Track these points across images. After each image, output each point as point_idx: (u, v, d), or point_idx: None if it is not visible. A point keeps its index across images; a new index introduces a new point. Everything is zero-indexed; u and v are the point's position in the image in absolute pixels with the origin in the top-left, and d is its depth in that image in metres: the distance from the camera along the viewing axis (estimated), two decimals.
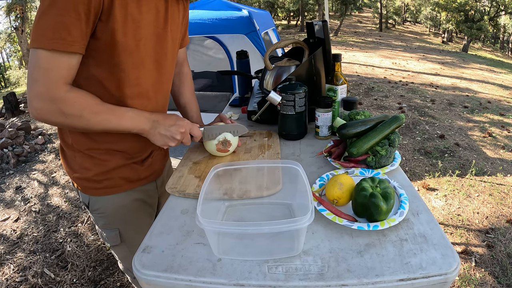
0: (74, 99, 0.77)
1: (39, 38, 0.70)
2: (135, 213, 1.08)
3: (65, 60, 0.74)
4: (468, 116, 5.04)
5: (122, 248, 1.11)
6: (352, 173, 0.92)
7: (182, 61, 1.21)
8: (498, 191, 2.96)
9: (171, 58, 0.98)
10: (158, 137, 0.91)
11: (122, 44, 0.80)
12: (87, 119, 0.80)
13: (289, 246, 0.66)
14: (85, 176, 0.97)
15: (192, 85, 1.25)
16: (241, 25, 3.30)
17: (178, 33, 1.00)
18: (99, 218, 1.05)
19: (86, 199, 1.01)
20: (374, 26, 23.71)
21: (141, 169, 1.04)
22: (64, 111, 0.76)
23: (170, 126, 0.91)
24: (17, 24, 11.67)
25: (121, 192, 1.02)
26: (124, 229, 1.07)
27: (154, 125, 0.90)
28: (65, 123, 0.79)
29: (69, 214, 2.75)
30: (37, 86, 0.73)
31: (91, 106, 0.80)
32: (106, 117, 0.83)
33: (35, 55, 0.72)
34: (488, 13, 17.09)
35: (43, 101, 0.75)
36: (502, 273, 2.04)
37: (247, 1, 18.26)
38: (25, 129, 4.38)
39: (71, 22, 0.70)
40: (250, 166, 0.89)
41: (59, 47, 0.71)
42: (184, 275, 0.63)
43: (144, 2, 0.82)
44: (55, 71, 0.73)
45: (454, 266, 0.61)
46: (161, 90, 0.98)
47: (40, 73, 0.72)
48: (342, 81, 1.22)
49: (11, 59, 20.60)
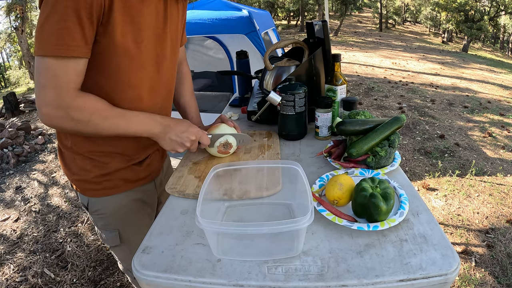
0: (83, 104, 0.77)
1: (44, 45, 0.70)
2: (135, 213, 1.08)
3: (72, 66, 0.73)
4: (468, 116, 5.04)
5: (122, 249, 1.11)
6: (352, 173, 0.92)
7: (181, 60, 1.21)
8: (498, 191, 2.96)
9: (170, 59, 0.98)
10: (168, 142, 0.91)
11: (123, 47, 0.80)
12: (96, 124, 0.80)
13: (288, 246, 0.66)
14: (84, 178, 0.97)
15: (191, 84, 1.24)
16: (241, 25, 3.30)
17: (177, 33, 1.00)
18: (98, 219, 1.05)
19: (85, 200, 1.01)
20: (374, 26, 23.71)
21: (139, 169, 1.04)
22: (73, 117, 0.76)
23: (182, 133, 0.91)
24: (17, 24, 11.66)
25: (120, 193, 1.02)
26: (123, 230, 1.07)
27: (165, 130, 0.90)
28: (74, 128, 0.79)
29: (69, 214, 2.75)
30: (45, 92, 0.73)
31: (100, 111, 0.80)
32: (115, 122, 0.82)
33: (41, 62, 0.72)
34: (488, 13, 17.09)
35: (52, 107, 0.75)
36: (502, 273, 2.04)
37: (247, 1, 18.26)
38: (25, 129, 4.38)
39: (74, 27, 0.70)
40: (250, 166, 0.89)
41: (64, 53, 0.71)
42: (184, 275, 0.63)
43: (145, 3, 0.82)
44: (63, 77, 0.73)
45: (454, 267, 0.61)
46: (159, 92, 0.98)
47: (48, 79, 0.72)
48: (342, 81, 1.22)
49: (11, 59, 20.61)
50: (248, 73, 1.71)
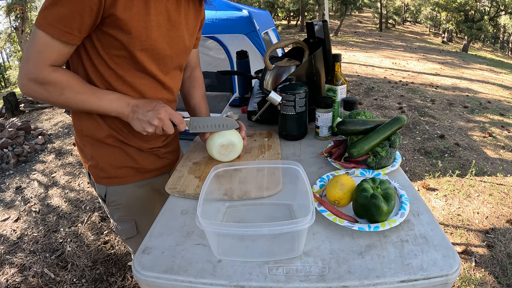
0: (56, 78, 0.81)
1: (42, 21, 0.75)
2: (151, 203, 1.10)
3: (58, 47, 0.78)
4: (468, 116, 5.04)
5: (137, 240, 1.12)
6: (353, 173, 0.92)
7: (195, 66, 1.22)
8: (498, 191, 2.96)
9: (178, 61, 0.99)
10: (136, 122, 0.90)
11: (128, 42, 0.82)
12: (67, 97, 0.84)
13: (289, 247, 0.66)
14: (99, 165, 0.99)
15: (203, 88, 1.24)
16: (241, 25, 3.30)
17: (192, 35, 1.00)
18: (115, 210, 1.07)
19: (103, 190, 1.03)
20: (374, 26, 23.71)
21: (154, 158, 1.07)
22: (47, 88, 0.82)
23: (148, 111, 0.89)
24: (17, 24, 11.66)
25: (136, 182, 1.04)
26: (140, 220, 1.09)
27: (133, 109, 0.89)
28: (48, 99, 0.84)
29: (69, 214, 2.75)
30: (27, 65, 0.79)
31: (72, 86, 0.84)
32: (86, 97, 0.86)
33: (35, 33, 0.77)
34: (488, 13, 17.10)
35: (29, 79, 0.80)
36: (502, 273, 2.03)
37: (247, 1, 18.26)
38: (25, 129, 4.37)
39: (72, 15, 0.75)
40: (250, 166, 0.89)
41: (55, 35, 0.76)
42: (184, 276, 0.63)
43: (152, 4, 0.83)
44: (46, 54, 0.78)
45: (455, 267, 0.61)
46: (161, 95, 0.99)
47: (33, 54, 0.78)
48: (342, 81, 1.22)
49: (11, 59, 20.61)
50: (248, 73, 1.71)
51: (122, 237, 1.15)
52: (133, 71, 0.90)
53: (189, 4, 0.96)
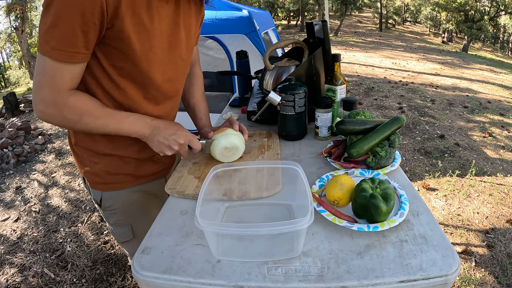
0: (74, 103, 0.79)
1: (45, 46, 0.72)
2: (147, 207, 1.09)
3: (69, 69, 0.76)
4: (468, 116, 5.04)
5: (133, 244, 1.12)
6: (352, 173, 0.92)
7: (194, 62, 1.21)
8: (498, 191, 2.96)
9: (182, 66, 0.98)
10: (156, 144, 0.92)
11: (132, 53, 0.81)
12: (86, 123, 0.83)
13: (288, 247, 0.66)
14: (95, 170, 0.98)
15: (202, 86, 1.24)
16: (241, 25, 3.30)
17: (191, 38, 1.00)
18: (111, 215, 1.06)
19: (98, 196, 1.03)
20: (374, 26, 23.71)
21: (150, 164, 1.06)
22: (64, 115, 0.80)
23: (170, 135, 0.91)
24: (17, 24, 11.66)
25: (132, 187, 1.04)
26: (136, 224, 1.09)
27: (154, 132, 0.90)
28: (67, 125, 0.84)
29: (69, 214, 2.75)
30: (41, 90, 0.77)
31: (90, 111, 0.82)
32: (106, 121, 0.85)
33: (41, 60, 0.74)
34: (488, 13, 17.10)
35: (46, 105, 0.78)
36: (502, 273, 2.03)
37: (247, 1, 18.25)
38: (25, 129, 4.37)
39: (76, 33, 0.71)
40: (249, 166, 0.89)
41: (62, 58, 0.73)
42: (183, 276, 0.63)
43: (155, 11, 0.81)
44: (59, 78, 0.76)
45: (455, 267, 0.61)
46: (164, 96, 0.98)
47: (45, 79, 0.75)
48: (341, 81, 1.22)
49: (11, 59, 20.62)
50: (248, 73, 1.71)
51: (118, 240, 1.14)
52: (136, 83, 0.89)
53: (189, 4, 0.96)
